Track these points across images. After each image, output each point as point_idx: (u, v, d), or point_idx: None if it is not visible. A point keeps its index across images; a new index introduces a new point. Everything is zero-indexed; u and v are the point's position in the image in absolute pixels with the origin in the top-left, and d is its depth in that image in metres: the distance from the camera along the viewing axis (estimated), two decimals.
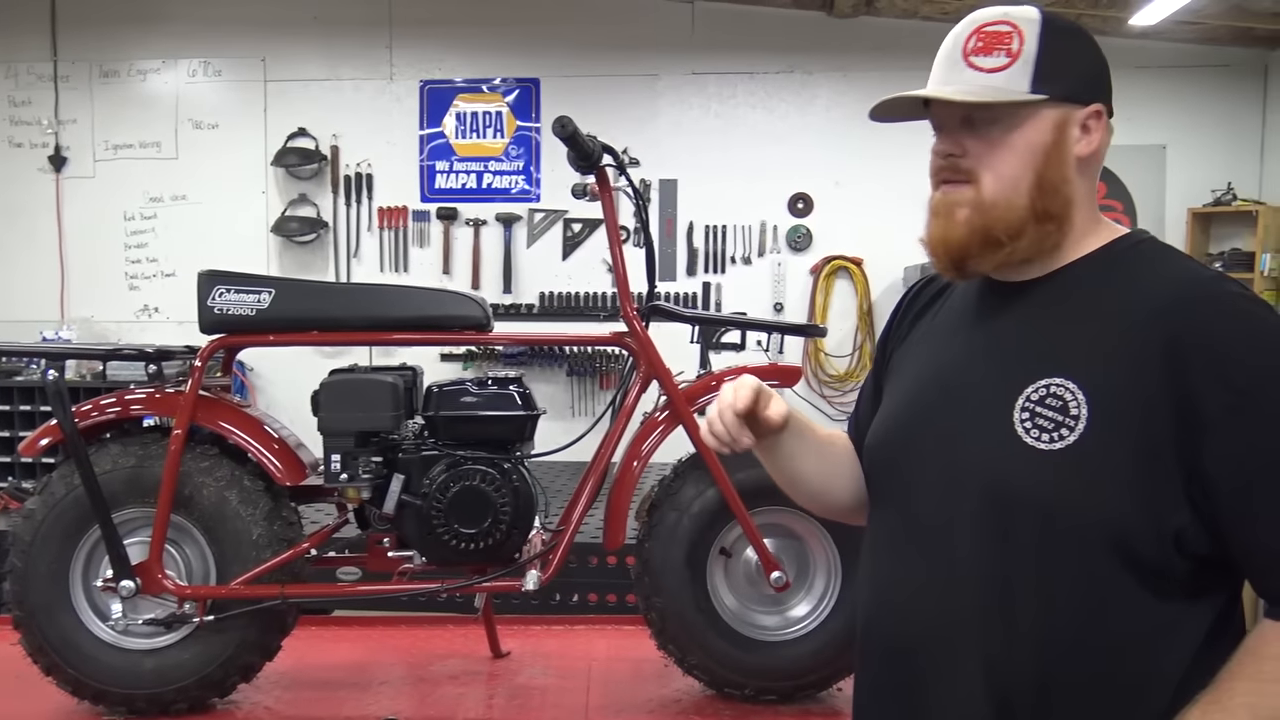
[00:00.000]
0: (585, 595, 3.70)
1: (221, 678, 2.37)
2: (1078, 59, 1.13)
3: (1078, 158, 1.12)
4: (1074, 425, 1.05)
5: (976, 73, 1.12)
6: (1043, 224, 1.12)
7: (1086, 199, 1.14)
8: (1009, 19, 1.13)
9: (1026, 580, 1.07)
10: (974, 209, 1.13)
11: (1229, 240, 5.50)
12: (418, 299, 2.49)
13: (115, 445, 2.39)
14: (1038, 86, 1.11)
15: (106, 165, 5.88)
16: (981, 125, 1.13)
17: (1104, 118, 1.13)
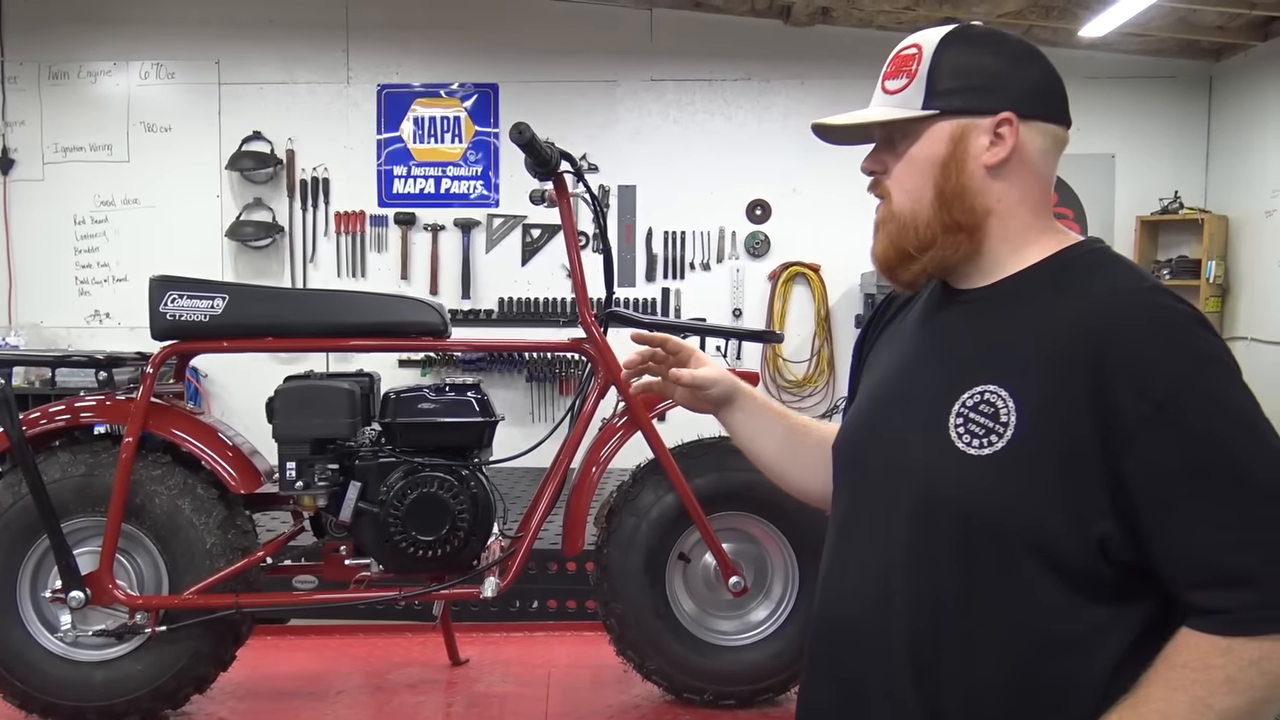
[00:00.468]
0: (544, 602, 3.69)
1: (174, 689, 2.34)
2: (981, 71, 1.15)
3: (987, 166, 1.14)
4: (1003, 432, 1.07)
5: (886, 95, 1.18)
6: (951, 234, 1.15)
7: (1017, 205, 1.16)
8: (917, 41, 1.18)
9: (954, 582, 1.09)
10: (890, 223, 1.18)
11: (1176, 247, 5.62)
12: (374, 305, 2.48)
13: (65, 453, 2.35)
14: (928, 102, 1.14)
15: (56, 168, 5.78)
16: (894, 144, 1.18)
17: (1015, 124, 1.13)
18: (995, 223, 1.15)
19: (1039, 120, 1.15)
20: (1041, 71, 1.17)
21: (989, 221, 1.15)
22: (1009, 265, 1.16)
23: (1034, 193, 1.17)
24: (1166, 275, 5.51)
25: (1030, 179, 1.16)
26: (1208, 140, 5.68)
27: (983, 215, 1.15)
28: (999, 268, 1.17)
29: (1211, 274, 5.27)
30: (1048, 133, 1.17)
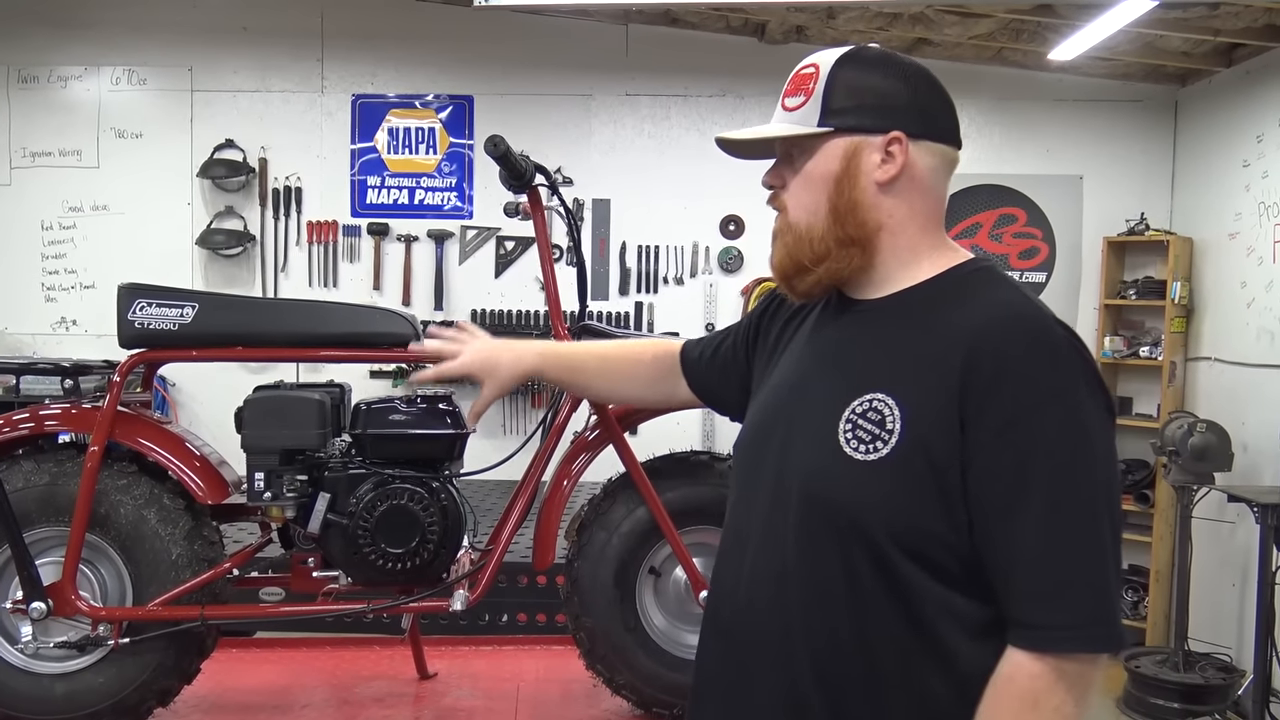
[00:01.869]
0: (514, 615, 3.68)
1: (137, 702, 2.30)
2: (873, 91, 1.20)
3: (878, 183, 1.19)
4: (888, 439, 1.12)
5: (785, 112, 1.25)
6: (845, 248, 1.20)
7: (907, 221, 1.21)
8: (816, 62, 1.24)
9: (843, 585, 1.14)
10: (787, 234, 1.25)
11: (1142, 268, 5.70)
12: (345, 315, 2.46)
13: (28, 462, 2.32)
14: (824, 120, 1.20)
15: (24, 173, 5.71)
16: (792, 160, 1.25)
17: (904, 143, 1.19)
18: (886, 237, 1.21)
19: (928, 140, 1.21)
20: (931, 94, 1.23)
21: (880, 236, 1.20)
22: (900, 279, 1.22)
23: (924, 209, 1.22)
24: (1133, 295, 5.59)
25: (920, 196, 1.22)
26: (1173, 163, 5.78)
27: (874, 230, 1.20)
28: (890, 281, 1.22)
29: (1176, 295, 5.35)
30: (937, 152, 1.22)
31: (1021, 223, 5.77)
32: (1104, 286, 5.66)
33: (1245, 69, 5.10)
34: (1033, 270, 5.80)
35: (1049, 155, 5.75)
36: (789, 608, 1.17)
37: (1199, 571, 4.92)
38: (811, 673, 1.15)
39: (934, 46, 5.42)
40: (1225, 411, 4.98)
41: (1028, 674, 1.06)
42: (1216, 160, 5.35)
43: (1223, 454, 4.69)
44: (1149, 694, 4.69)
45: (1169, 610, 5.23)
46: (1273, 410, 4.47)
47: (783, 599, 1.17)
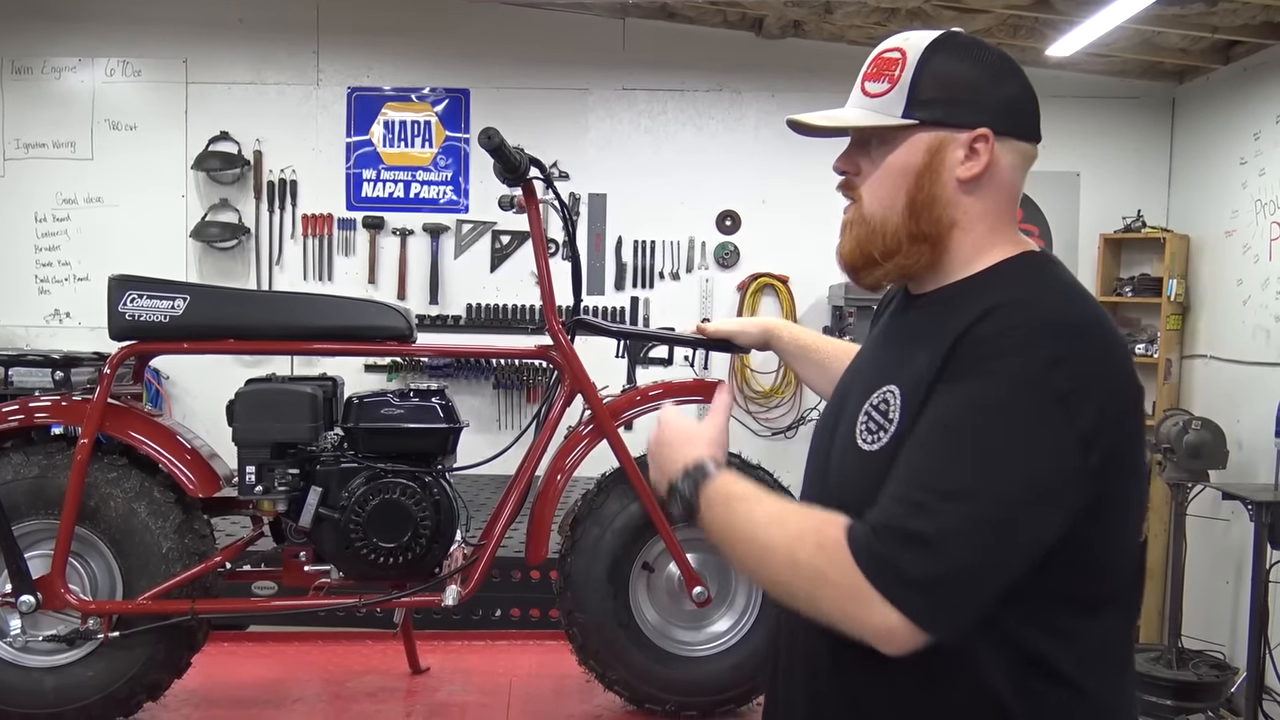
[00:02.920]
0: (507, 610, 3.67)
1: (127, 696, 2.30)
2: (961, 84, 1.16)
3: (959, 180, 1.15)
4: (889, 428, 1.11)
5: (865, 97, 1.19)
6: (916, 244, 1.17)
7: (979, 220, 1.17)
8: (901, 46, 1.18)
9: None
10: (858, 225, 1.20)
11: (1138, 266, 5.70)
12: (338, 308, 2.45)
13: (18, 454, 2.31)
14: (909, 111, 1.16)
15: (17, 164, 5.68)
16: (869, 147, 1.19)
17: (990, 141, 1.15)
18: (958, 234, 1.17)
19: (1012, 138, 1.17)
20: (1019, 89, 1.18)
21: (953, 233, 1.17)
22: (957, 274, 1.18)
23: (997, 208, 1.18)
24: (1129, 292, 5.58)
25: (996, 194, 1.18)
26: (1170, 160, 5.77)
27: (948, 227, 1.17)
28: (949, 276, 1.19)
29: (1173, 292, 5.35)
30: (1019, 150, 1.18)
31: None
32: (1100, 283, 5.66)
33: (1243, 66, 5.09)
34: None
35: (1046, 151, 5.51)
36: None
37: (1193, 569, 4.92)
38: (829, 663, 1.15)
39: None
40: (1220, 409, 4.98)
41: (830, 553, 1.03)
42: (1214, 157, 5.34)
43: (1218, 451, 4.69)
44: (1142, 691, 4.69)
45: (1163, 607, 5.23)
46: (1268, 408, 4.46)
47: None
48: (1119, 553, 1.11)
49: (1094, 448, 1.03)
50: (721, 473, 1.17)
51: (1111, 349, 1.08)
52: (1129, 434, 1.08)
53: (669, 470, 1.21)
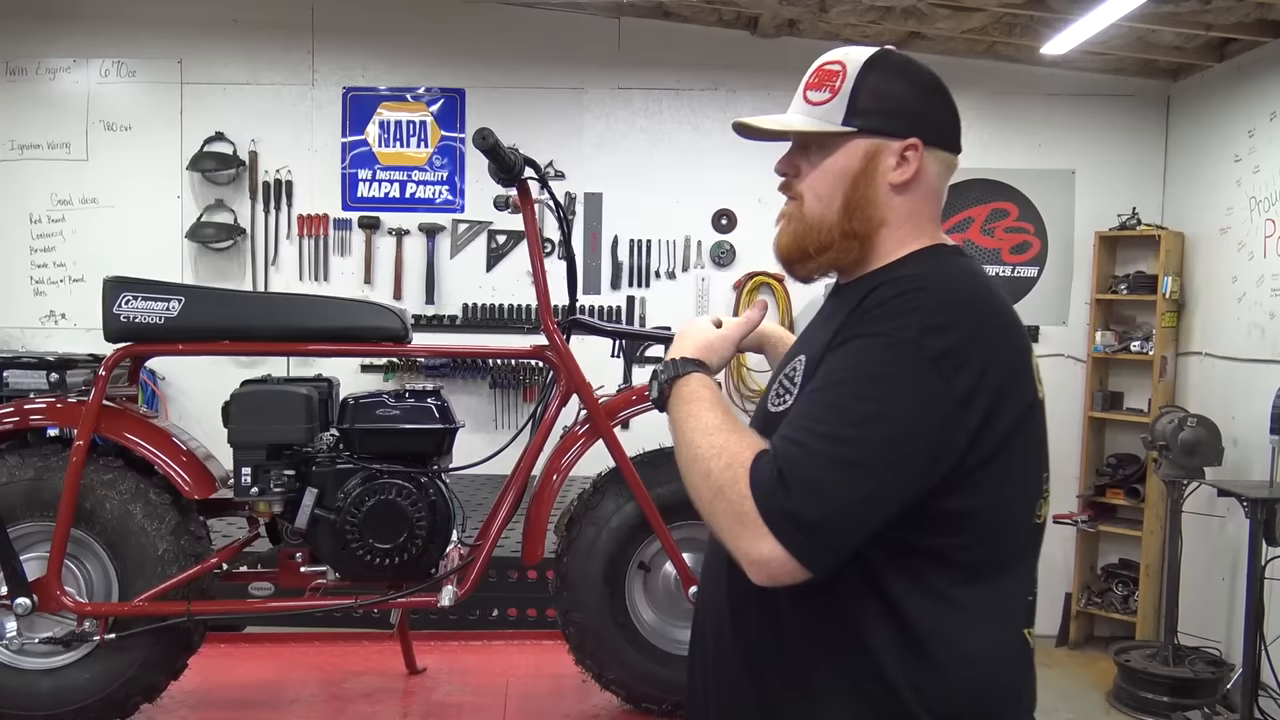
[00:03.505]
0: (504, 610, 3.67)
1: (123, 698, 2.29)
2: (895, 97, 1.28)
3: (891, 184, 1.27)
4: (794, 391, 1.24)
5: (807, 105, 1.31)
6: (847, 240, 1.28)
7: (905, 219, 1.28)
8: (842, 59, 1.30)
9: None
10: (796, 221, 1.32)
11: (1134, 263, 5.71)
12: (333, 309, 2.45)
13: (13, 456, 2.30)
14: (849, 119, 1.27)
15: (12, 165, 5.67)
16: (809, 151, 1.31)
17: (920, 150, 1.26)
18: (885, 232, 1.28)
19: (938, 148, 1.30)
20: (945, 105, 1.31)
21: (881, 231, 1.28)
22: (878, 265, 1.30)
23: (923, 210, 1.30)
24: (1124, 290, 5.59)
25: (924, 197, 1.30)
26: (1165, 158, 5.78)
27: (877, 225, 1.28)
28: (871, 267, 1.30)
29: (1168, 289, 5.36)
30: (943, 159, 1.31)
31: (1013, 217, 5.77)
32: (1095, 281, 5.67)
33: (1237, 64, 5.10)
34: (1024, 265, 5.80)
35: (1041, 150, 5.75)
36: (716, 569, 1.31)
37: (1189, 566, 4.93)
38: (731, 631, 1.27)
39: (926, 40, 5.41)
40: (1216, 406, 4.99)
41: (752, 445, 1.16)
42: (1208, 155, 5.35)
43: (1213, 448, 4.70)
44: (1138, 688, 4.71)
45: (1159, 604, 5.24)
46: (1263, 405, 4.47)
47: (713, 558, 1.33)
48: (1001, 522, 1.20)
49: (972, 407, 1.12)
50: (694, 374, 1.30)
51: (991, 324, 1.18)
52: (1011, 406, 1.16)
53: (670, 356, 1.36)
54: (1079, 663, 5.52)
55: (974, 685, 1.19)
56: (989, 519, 1.18)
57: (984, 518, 1.18)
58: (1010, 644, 1.24)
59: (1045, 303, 5.82)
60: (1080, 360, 5.80)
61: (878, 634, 1.17)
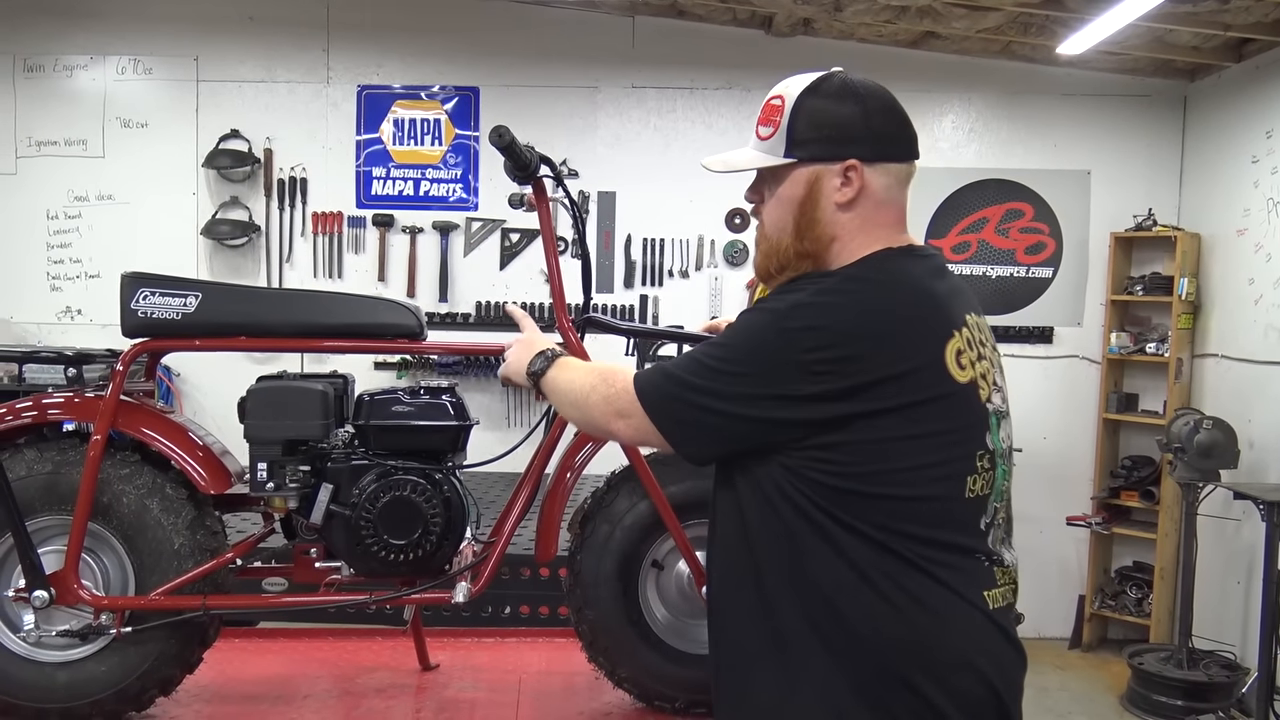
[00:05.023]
0: (516, 607, 3.68)
1: (139, 691, 2.30)
2: (830, 124, 1.38)
3: (836, 204, 1.38)
4: None
5: (758, 140, 1.44)
6: (801, 259, 1.40)
7: (856, 232, 1.39)
8: (782, 93, 1.42)
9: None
10: (762, 243, 1.46)
11: (1149, 264, 5.68)
12: (349, 305, 2.45)
13: (31, 450, 2.31)
14: (789, 151, 1.39)
15: (29, 162, 5.71)
16: (765, 181, 1.44)
17: (860, 169, 1.36)
18: (837, 247, 1.39)
19: (882, 162, 1.38)
20: (886, 119, 1.39)
21: (832, 247, 1.39)
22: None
23: (877, 220, 1.39)
24: (1140, 291, 5.56)
25: (874, 210, 1.39)
26: (1182, 159, 5.75)
27: (828, 242, 1.39)
28: None
29: (1184, 291, 5.33)
30: (891, 171, 1.40)
31: (1028, 218, 5.75)
32: (1111, 282, 5.64)
33: (1255, 64, 5.07)
34: (1039, 265, 5.78)
35: (1056, 150, 5.72)
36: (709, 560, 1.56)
37: (1204, 569, 4.90)
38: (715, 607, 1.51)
39: (941, 40, 5.39)
40: (1232, 408, 4.97)
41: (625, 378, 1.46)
42: (1225, 156, 5.32)
43: (1229, 451, 4.67)
44: (1153, 691, 4.68)
45: (1173, 607, 5.22)
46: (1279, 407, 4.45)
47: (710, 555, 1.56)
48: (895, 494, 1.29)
49: (814, 378, 1.28)
50: (563, 356, 1.65)
51: (866, 314, 1.30)
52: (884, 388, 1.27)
53: (525, 358, 1.68)
54: (1092, 665, 5.50)
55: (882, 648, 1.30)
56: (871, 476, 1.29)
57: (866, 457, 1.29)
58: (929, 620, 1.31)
59: (1060, 304, 5.80)
60: (1095, 362, 5.77)
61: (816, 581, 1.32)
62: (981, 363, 1.36)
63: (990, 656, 1.34)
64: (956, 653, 1.31)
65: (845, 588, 1.30)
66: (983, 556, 1.36)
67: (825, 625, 1.31)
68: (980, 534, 1.36)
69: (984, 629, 1.34)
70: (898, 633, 1.29)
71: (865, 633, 1.30)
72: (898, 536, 1.29)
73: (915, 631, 1.29)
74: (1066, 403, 5.78)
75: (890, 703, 1.29)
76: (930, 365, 1.30)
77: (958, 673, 1.31)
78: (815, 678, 1.32)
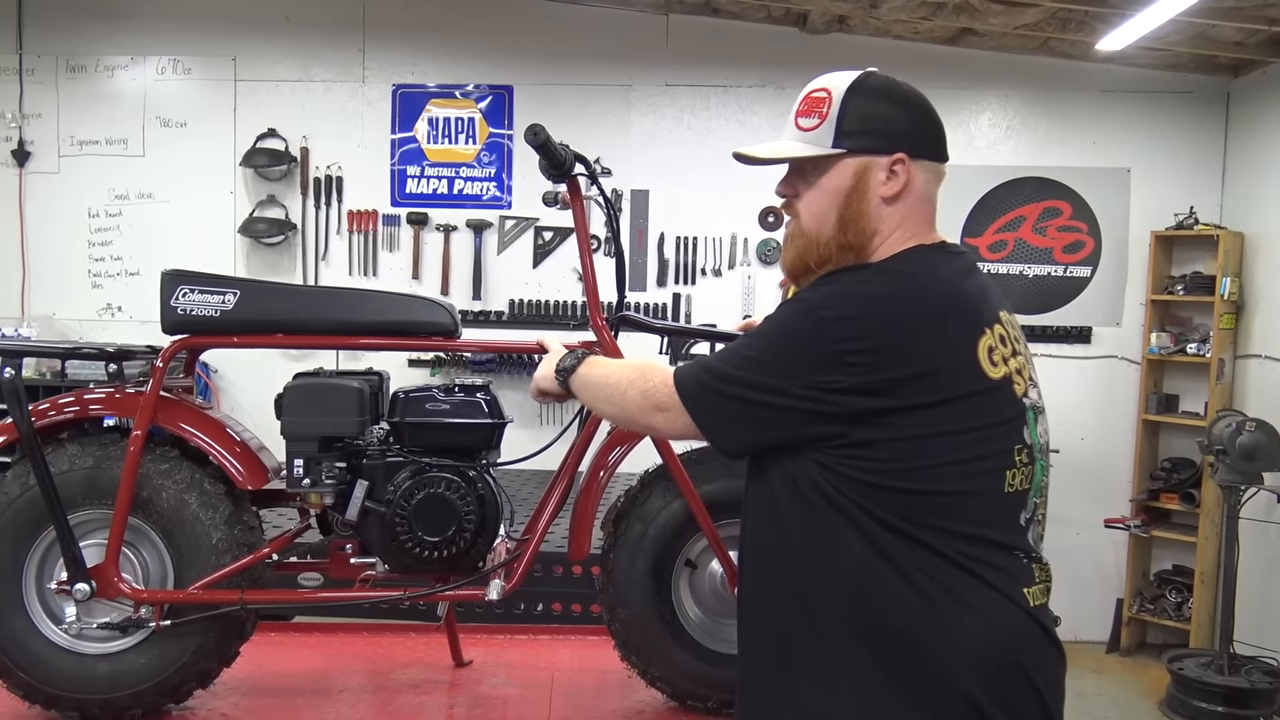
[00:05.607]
0: (549, 605, 3.68)
1: (177, 683, 2.33)
2: (880, 117, 1.39)
3: (882, 197, 1.39)
4: None
5: (798, 131, 1.44)
6: (843, 252, 1.40)
7: (896, 227, 1.40)
8: (827, 86, 1.43)
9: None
10: (798, 239, 1.45)
11: (1191, 263, 5.59)
12: (384, 303, 2.46)
13: (73, 445, 2.35)
14: (838, 142, 1.40)
15: (71, 161, 5.80)
16: (805, 173, 1.44)
17: (907, 163, 1.38)
18: (877, 240, 1.40)
19: (925, 159, 1.41)
20: (927, 119, 1.43)
21: (873, 241, 1.40)
22: None
23: (914, 216, 1.41)
24: (1181, 291, 5.48)
25: (914, 205, 1.41)
26: (1224, 156, 5.65)
27: (870, 235, 1.39)
28: None
29: (1226, 290, 5.24)
30: (931, 169, 1.43)
31: (1066, 216, 5.67)
32: (1151, 281, 5.56)
33: None
34: (1077, 265, 5.71)
35: (1095, 147, 5.65)
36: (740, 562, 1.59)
37: (1246, 573, 4.82)
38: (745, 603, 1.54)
39: (978, 37, 5.34)
40: (1275, 410, 4.87)
41: (659, 391, 1.46)
42: (1270, 153, 5.22)
43: (1272, 453, 4.59)
44: (1192, 697, 4.61)
45: (1214, 612, 5.13)
46: None
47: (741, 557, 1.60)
48: (933, 489, 1.28)
49: (848, 369, 1.27)
50: (591, 355, 1.68)
51: (900, 307, 1.30)
52: (920, 384, 1.27)
53: (552, 364, 1.70)
54: (1130, 670, 5.42)
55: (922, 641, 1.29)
56: (910, 472, 1.28)
57: (902, 453, 1.28)
58: (956, 606, 1.30)
59: (1098, 303, 5.72)
60: (1134, 362, 5.69)
61: (849, 571, 1.32)
62: (1016, 359, 1.36)
63: (1033, 656, 1.32)
64: (999, 652, 1.29)
65: (884, 586, 1.29)
66: (1022, 553, 1.35)
67: (862, 624, 1.30)
68: (1020, 530, 1.35)
69: (1026, 628, 1.32)
70: (939, 632, 1.28)
71: (905, 631, 1.29)
72: (937, 533, 1.28)
73: (957, 630, 1.28)
74: (1105, 403, 5.71)
75: (934, 704, 1.27)
76: (963, 362, 1.30)
77: (1001, 672, 1.29)
78: (853, 678, 1.31)
